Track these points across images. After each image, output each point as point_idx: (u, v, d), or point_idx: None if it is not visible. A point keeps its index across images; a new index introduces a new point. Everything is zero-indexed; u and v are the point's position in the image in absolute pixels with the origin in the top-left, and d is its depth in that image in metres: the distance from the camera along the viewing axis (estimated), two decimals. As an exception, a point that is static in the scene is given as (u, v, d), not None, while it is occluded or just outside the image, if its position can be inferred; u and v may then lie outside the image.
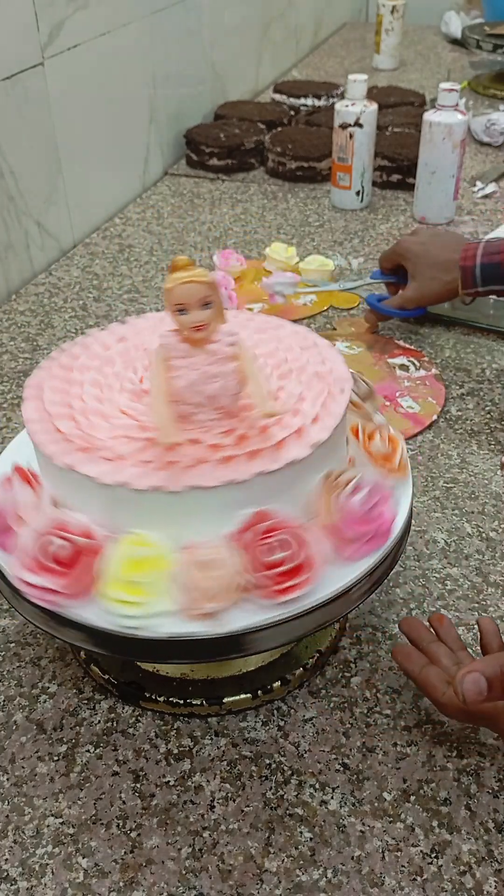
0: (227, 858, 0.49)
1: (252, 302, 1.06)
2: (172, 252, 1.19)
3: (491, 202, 1.33)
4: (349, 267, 1.14)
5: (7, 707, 0.58)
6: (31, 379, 0.55)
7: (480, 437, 0.83)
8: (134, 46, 1.29)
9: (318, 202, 1.34)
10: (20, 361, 0.95)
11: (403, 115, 1.54)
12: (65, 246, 1.20)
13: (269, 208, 1.32)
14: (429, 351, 0.96)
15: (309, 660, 0.59)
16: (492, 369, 0.93)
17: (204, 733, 0.57)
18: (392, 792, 0.53)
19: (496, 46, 1.79)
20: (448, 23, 2.26)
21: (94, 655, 0.59)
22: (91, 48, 1.16)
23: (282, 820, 0.51)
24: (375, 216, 1.29)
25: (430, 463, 0.79)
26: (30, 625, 0.63)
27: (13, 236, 1.07)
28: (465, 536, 0.71)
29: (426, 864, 0.49)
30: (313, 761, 0.54)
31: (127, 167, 1.35)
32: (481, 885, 0.48)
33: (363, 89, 1.22)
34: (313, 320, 1.03)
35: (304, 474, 0.49)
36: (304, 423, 0.50)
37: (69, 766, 0.54)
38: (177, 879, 0.49)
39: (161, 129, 1.43)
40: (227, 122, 1.52)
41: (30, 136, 1.07)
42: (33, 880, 0.49)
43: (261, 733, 0.56)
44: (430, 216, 1.25)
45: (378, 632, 0.63)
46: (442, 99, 1.16)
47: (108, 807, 0.52)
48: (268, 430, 0.49)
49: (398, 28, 1.99)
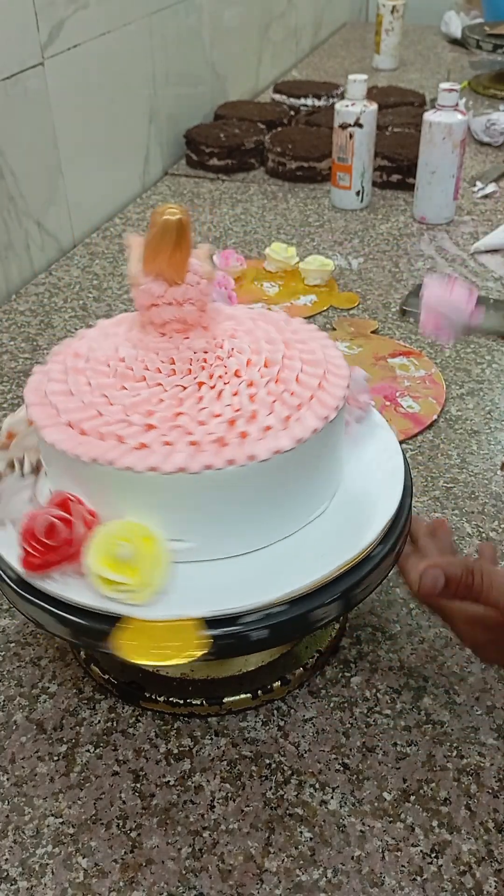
0: (227, 858, 0.50)
1: (252, 302, 1.06)
2: (172, 252, 1.19)
3: (491, 202, 1.33)
4: (349, 267, 1.14)
5: (7, 707, 0.58)
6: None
7: (480, 437, 0.83)
8: (134, 46, 1.29)
9: (318, 202, 1.34)
10: (20, 361, 0.95)
11: (403, 115, 1.54)
12: (65, 246, 1.20)
13: (269, 208, 1.32)
14: (429, 351, 0.96)
15: (309, 660, 0.59)
16: (492, 369, 0.93)
17: (204, 733, 0.57)
18: (392, 792, 0.53)
19: (496, 46, 1.79)
20: (448, 23, 2.27)
21: (95, 655, 0.59)
22: (91, 48, 1.16)
23: (282, 820, 0.51)
24: (375, 216, 1.29)
25: (430, 463, 0.79)
26: (30, 624, 0.63)
27: (13, 236, 1.07)
28: (465, 536, 0.71)
29: (426, 864, 0.49)
30: (313, 761, 0.55)
31: (127, 167, 1.35)
32: (481, 885, 0.48)
33: (363, 89, 1.22)
34: (313, 320, 1.03)
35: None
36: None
37: (69, 766, 0.54)
38: (177, 879, 0.49)
39: (161, 129, 1.43)
40: (227, 122, 1.52)
41: (30, 136, 1.07)
42: (33, 880, 0.49)
43: (261, 733, 0.56)
44: (430, 216, 1.25)
45: (378, 632, 0.63)
46: (442, 99, 1.16)
47: (108, 807, 0.52)
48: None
49: (398, 28, 1.99)
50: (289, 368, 0.52)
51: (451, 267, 1.14)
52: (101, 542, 0.47)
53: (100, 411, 0.49)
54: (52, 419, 0.49)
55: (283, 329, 0.57)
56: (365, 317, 1.03)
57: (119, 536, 0.46)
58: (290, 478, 0.49)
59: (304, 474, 0.50)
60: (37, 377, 0.53)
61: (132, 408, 0.49)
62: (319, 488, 0.53)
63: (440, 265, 1.15)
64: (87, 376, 0.51)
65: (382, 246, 1.20)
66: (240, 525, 0.49)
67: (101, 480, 0.47)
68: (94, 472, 0.47)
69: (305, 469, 0.50)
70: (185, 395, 0.50)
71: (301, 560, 0.49)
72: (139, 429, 0.47)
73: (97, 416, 0.48)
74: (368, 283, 1.10)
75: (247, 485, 0.47)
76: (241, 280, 1.10)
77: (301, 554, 0.50)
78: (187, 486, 0.46)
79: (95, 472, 0.47)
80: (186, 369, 0.52)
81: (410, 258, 1.17)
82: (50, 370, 0.53)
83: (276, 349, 0.54)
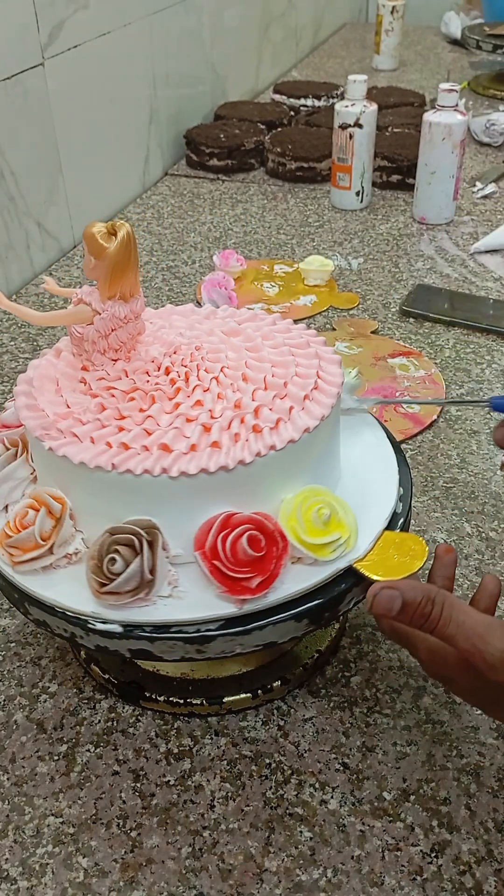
0: (227, 858, 0.50)
1: (252, 302, 1.06)
2: (173, 252, 1.19)
3: (491, 202, 1.33)
4: (349, 267, 1.14)
5: (7, 707, 0.58)
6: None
7: (480, 437, 0.83)
8: (134, 46, 1.29)
9: (318, 202, 1.34)
10: (20, 361, 0.96)
11: (403, 116, 1.54)
12: (65, 246, 1.20)
13: (269, 209, 1.32)
14: (429, 351, 0.96)
15: (309, 659, 0.59)
16: (492, 369, 0.93)
17: (204, 733, 0.57)
18: (392, 791, 0.53)
19: (496, 47, 1.79)
20: (448, 23, 2.27)
21: (95, 655, 0.59)
22: (91, 48, 1.16)
23: (282, 819, 0.51)
24: (375, 216, 1.29)
25: (429, 463, 0.79)
26: (31, 624, 0.63)
27: (13, 236, 1.07)
28: (465, 536, 0.71)
29: (426, 863, 0.49)
30: (313, 761, 0.55)
31: (127, 167, 1.35)
32: (481, 884, 0.48)
33: (363, 90, 1.22)
34: (313, 320, 1.03)
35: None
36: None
37: (69, 765, 0.54)
38: (177, 879, 0.49)
39: (161, 130, 1.43)
40: (227, 122, 1.52)
41: (30, 136, 1.07)
42: (33, 880, 0.49)
43: (261, 733, 0.56)
44: (430, 216, 1.25)
45: (378, 632, 0.63)
46: (442, 99, 1.16)
47: (109, 806, 0.52)
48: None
49: (398, 28, 1.99)
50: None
51: (450, 267, 1.14)
52: (296, 521, 0.48)
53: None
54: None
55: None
56: (365, 317, 1.03)
57: (311, 506, 0.48)
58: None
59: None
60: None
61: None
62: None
63: (440, 265, 1.15)
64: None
65: (382, 246, 1.20)
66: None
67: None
68: (110, 480, 0.46)
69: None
70: (180, 398, 0.50)
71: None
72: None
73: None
74: (368, 283, 1.10)
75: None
76: (241, 280, 1.10)
77: None
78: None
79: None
80: (184, 374, 0.52)
81: (410, 258, 1.17)
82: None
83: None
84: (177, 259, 1.17)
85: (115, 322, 0.51)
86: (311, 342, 0.55)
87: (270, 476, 0.48)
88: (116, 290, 0.50)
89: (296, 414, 0.49)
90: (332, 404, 0.50)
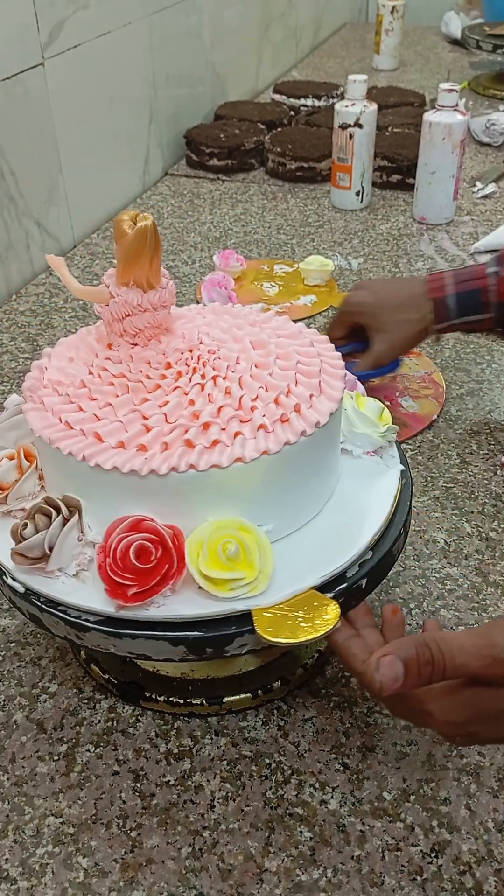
0: (227, 858, 0.50)
1: (252, 302, 1.06)
2: (173, 252, 1.19)
3: (491, 202, 1.33)
4: (349, 267, 1.14)
5: (7, 707, 0.58)
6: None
7: (480, 437, 0.83)
8: (134, 46, 1.29)
9: (318, 202, 1.34)
10: (20, 361, 0.96)
11: (403, 116, 1.54)
12: (65, 246, 1.20)
13: (269, 209, 1.32)
14: (429, 351, 0.96)
15: (309, 659, 0.59)
16: (492, 369, 0.93)
17: (204, 733, 0.57)
18: (392, 791, 0.53)
19: (496, 46, 1.79)
20: (448, 23, 2.27)
21: (95, 655, 0.59)
22: (91, 48, 1.16)
23: (282, 819, 0.51)
24: (375, 216, 1.29)
25: (429, 463, 0.79)
26: (30, 624, 0.63)
27: (13, 236, 1.07)
28: (465, 536, 0.71)
29: (426, 863, 0.49)
30: (313, 761, 0.55)
31: (127, 167, 1.35)
32: (481, 884, 0.48)
33: (363, 89, 1.22)
34: (313, 320, 1.03)
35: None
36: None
37: (69, 765, 0.54)
38: (177, 879, 0.49)
39: (161, 130, 1.43)
40: (227, 122, 1.52)
41: (30, 136, 1.07)
42: (33, 880, 0.49)
43: (261, 733, 0.56)
44: (430, 216, 1.25)
45: (378, 632, 0.63)
46: (442, 99, 1.16)
47: (109, 806, 0.52)
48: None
49: (398, 28, 1.99)
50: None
51: (450, 267, 1.14)
52: (201, 547, 0.46)
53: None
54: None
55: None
56: (365, 317, 1.03)
57: (220, 538, 0.46)
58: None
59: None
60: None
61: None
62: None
63: (440, 265, 1.15)
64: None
65: (382, 246, 1.20)
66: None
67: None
68: (122, 480, 0.47)
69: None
70: (194, 395, 0.50)
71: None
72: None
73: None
74: (368, 283, 1.10)
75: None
76: (241, 280, 1.10)
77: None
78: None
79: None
80: (177, 372, 0.52)
81: (410, 258, 1.17)
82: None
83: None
84: (177, 259, 1.17)
85: (128, 308, 0.52)
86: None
87: (198, 493, 0.47)
88: (129, 277, 0.52)
89: (240, 439, 0.48)
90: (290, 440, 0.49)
